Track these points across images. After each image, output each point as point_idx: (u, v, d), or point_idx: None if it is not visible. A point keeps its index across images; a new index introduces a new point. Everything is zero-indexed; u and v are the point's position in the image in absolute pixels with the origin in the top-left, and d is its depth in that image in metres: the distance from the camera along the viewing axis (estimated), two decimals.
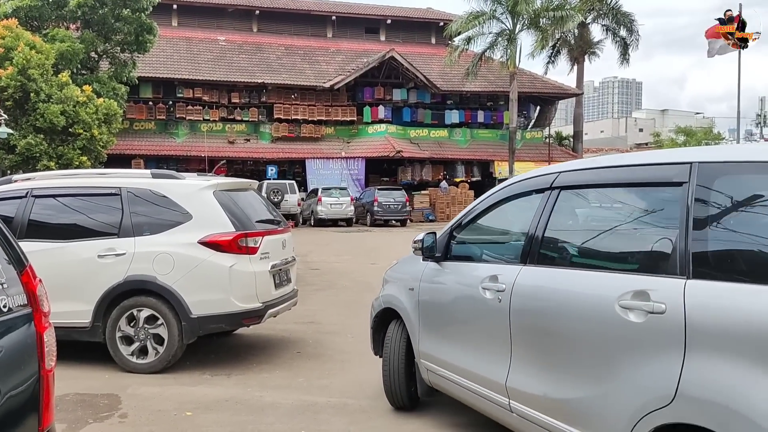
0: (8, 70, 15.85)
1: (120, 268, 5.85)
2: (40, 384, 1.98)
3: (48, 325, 2.05)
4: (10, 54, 16.90)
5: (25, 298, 1.96)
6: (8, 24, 18.79)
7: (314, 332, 7.52)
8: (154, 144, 31.37)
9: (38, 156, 15.25)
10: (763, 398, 2.17)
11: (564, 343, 3.13)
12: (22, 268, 1.99)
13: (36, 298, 2.00)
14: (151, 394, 5.16)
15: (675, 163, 2.86)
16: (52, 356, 2.05)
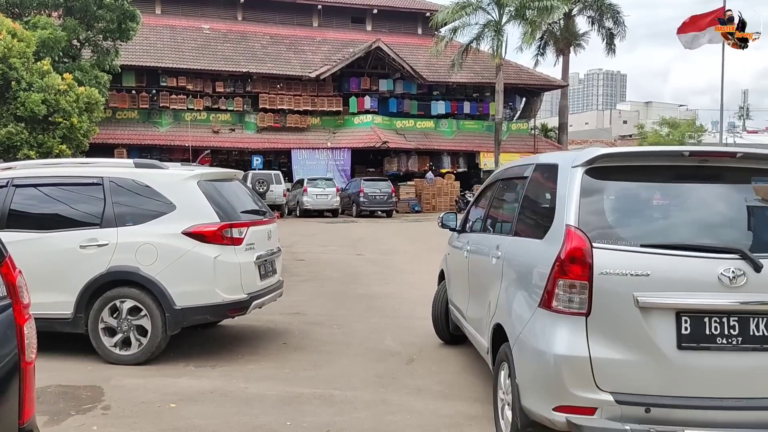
0: None
1: (102, 259, 5.77)
2: (20, 377, 1.94)
3: (28, 317, 2.00)
4: None
5: (4, 289, 1.91)
6: None
7: (300, 323, 7.49)
8: (137, 133, 31.04)
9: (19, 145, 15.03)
10: (518, 305, 3.78)
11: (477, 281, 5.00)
12: (1, 259, 1.94)
13: (15, 289, 1.96)
14: (134, 386, 5.11)
15: (527, 164, 4.48)
16: (32, 348, 2.01)
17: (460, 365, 5.83)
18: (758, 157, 3.53)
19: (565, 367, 3.23)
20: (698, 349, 3.18)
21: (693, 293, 3.19)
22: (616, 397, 3.17)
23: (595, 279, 3.22)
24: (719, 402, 3.15)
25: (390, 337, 6.85)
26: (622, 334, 3.22)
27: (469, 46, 31.57)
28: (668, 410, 3.14)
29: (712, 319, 3.19)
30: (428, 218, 27.20)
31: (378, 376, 5.45)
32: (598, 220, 3.43)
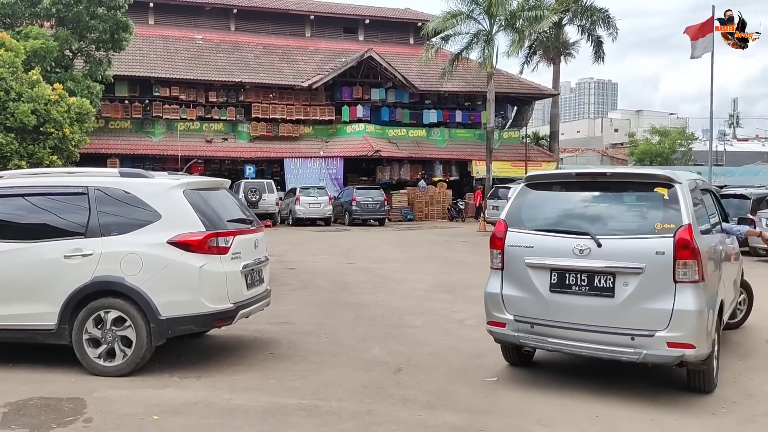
0: None
1: (87, 269, 5.73)
2: None
3: None
4: None
5: None
6: None
7: (288, 333, 7.45)
8: (130, 143, 30.97)
9: (9, 155, 14.96)
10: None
11: None
12: None
13: None
14: (117, 398, 5.06)
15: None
16: None
17: (449, 374, 5.80)
18: (623, 175, 5.74)
19: (489, 299, 5.61)
20: (561, 293, 5.22)
21: (559, 258, 5.23)
22: (515, 317, 5.41)
23: (506, 249, 5.51)
24: (571, 324, 5.14)
25: (378, 346, 6.82)
26: (519, 282, 5.43)
27: (459, 55, 31.66)
28: (543, 327, 5.27)
29: (570, 274, 5.18)
30: (420, 226, 27.21)
31: (364, 386, 5.42)
32: (515, 214, 5.67)
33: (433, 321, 8.15)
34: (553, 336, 5.21)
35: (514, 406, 4.99)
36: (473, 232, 23.68)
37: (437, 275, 12.38)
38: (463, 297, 9.90)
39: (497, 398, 5.19)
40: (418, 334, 7.43)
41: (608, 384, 5.46)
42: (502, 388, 5.44)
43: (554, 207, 5.66)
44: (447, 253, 16.50)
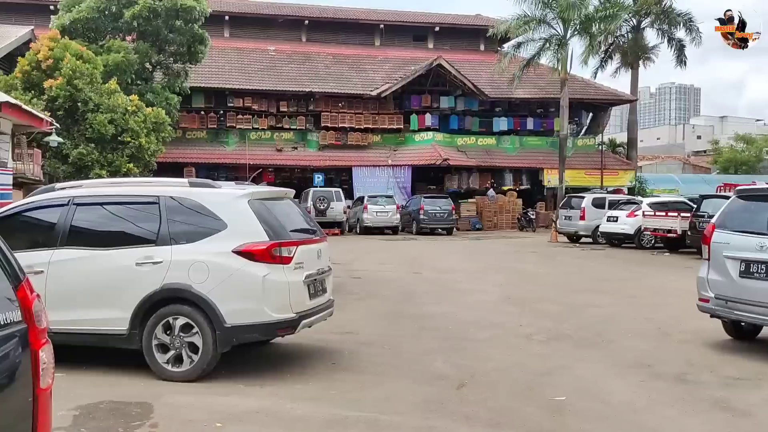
0: (57, 81, 16.40)
1: (157, 276, 5.87)
2: (34, 403, 1.92)
3: (45, 342, 1.99)
4: (59, 65, 17.47)
5: (19, 313, 1.90)
6: (53, 35, 19.39)
7: (351, 343, 7.42)
8: (206, 152, 31.98)
9: (90, 165, 15.74)
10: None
11: None
12: (18, 283, 1.94)
13: (32, 313, 1.94)
14: (183, 404, 5.14)
15: None
16: (48, 375, 1.98)
17: (514, 392, 5.61)
18: None
19: (699, 282, 7.29)
20: (747, 278, 6.73)
21: (746, 252, 6.76)
22: (716, 295, 7.02)
23: (711, 245, 7.15)
24: (755, 302, 6.61)
25: (441, 359, 6.69)
26: (719, 269, 7.02)
27: (531, 60, 31.11)
28: (733, 303, 6.82)
29: (754, 264, 6.68)
30: (489, 236, 26.81)
31: (426, 401, 5.31)
32: (721, 218, 7.36)
33: (499, 335, 7.94)
34: (740, 310, 6.78)
35: (581, 428, 4.77)
36: (544, 243, 23.15)
37: (505, 287, 12.12)
38: (531, 310, 9.63)
39: (565, 419, 4.97)
40: (482, 348, 7.25)
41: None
42: (570, 409, 5.21)
43: (750, 213, 7.15)
44: (516, 264, 16.16)
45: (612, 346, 7.44)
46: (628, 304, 10.30)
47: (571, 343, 7.51)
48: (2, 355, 1.81)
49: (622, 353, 7.07)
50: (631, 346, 7.39)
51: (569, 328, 8.36)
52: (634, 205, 21.40)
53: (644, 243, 20.64)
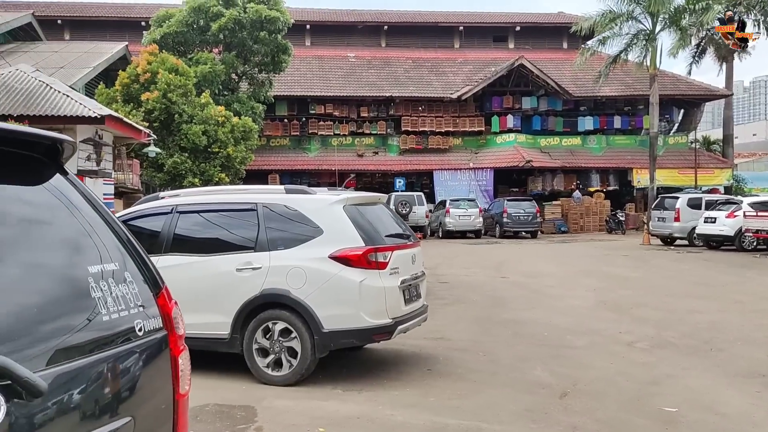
0: (153, 94, 17.22)
1: (256, 282, 5.99)
2: (174, 408, 1.96)
3: (183, 348, 2.03)
4: (156, 78, 18.33)
5: (160, 320, 1.95)
6: (152, 50, 20.37)
7: (444, 349, 7.34)
8: (289, 159, 32.74)
9: (184, 173, 16.43)
10: None
11: None
12: (158, 290, 1.99)
13: (171, 320, 1.99)
14: (285, 408, 5.21)
15: None
16: (186, 380, 2.03)
17: (621, 402, 5.37)
18: None
19: None
20: None
21: None
22: None
23: None
24: None
25: (539, 367, 6.50)
26: None
27: (618, 57, 30.03)
28: None
29: None
30: (576, 239, 26.06)
31: (528, 410, 5.15)
32: None
33: (598, 342, 7.65)
34: None
35: None
36: (635, 246, 22.26)
37: (599, 292, 11.70)
38: (629, 316, 9.24)
39: (680, 431, 4.71)
40: (582, 355, 7.00)
41: None
42: (683, 421, 4.93)
43: None
44: (607, 268, 15.60)
45: (722, 354, 7.01)
46: (734, 310, 9.71)
47: (676, 351, 7.13)
48: (148, 361, 1.86)
49: (733, 362, 6.65)
50: (742, 354, 6.95)
51: (673, 335, 7.95)
52: (734, 206, 20.23)
53: (745, 245, 19.49)
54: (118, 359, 1.74)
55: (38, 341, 1.52)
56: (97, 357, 1.67)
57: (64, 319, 1.62)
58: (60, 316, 1.62)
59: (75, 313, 1.65)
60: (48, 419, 1.51)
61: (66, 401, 1.56)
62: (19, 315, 1.53)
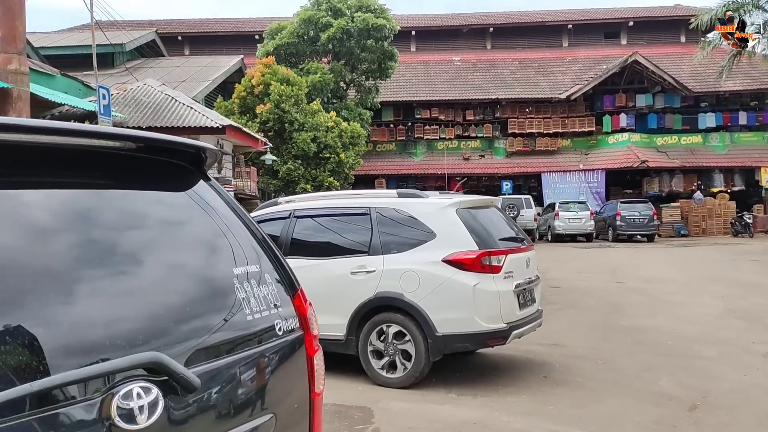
0: (267, 105, 18.01)
1: (370, 285, 6.08)
2: (311, 407, 2.03)
3: (317, 348, 2.09)
4: (269, 90, 19.14)
5: (297, 321, 2.02)
6: (267, 62, 21.28)
7: (560, 356, 7.13)
8: (395, 164, 33.06)
9: (297, 179, 17.04)
10: None
11: None
12: (294, 291, 2.06)
13: (307, 320, 2.06)
14: (401, 410, 5.26)
15: None
16: (321, 380, 2.09)
17: (759, 417, 4.99)
18: None
19: None
20: None
21: None
22: None
23: None
24: None
25: (665, 377, 6.16)
26: None
27: (743, 49, 27.98)
28: None
29: None
30: (698, 243, 24.54)
31: (655, 423, 4.90)
32: None
33: (729, 352, 7.15)
34: None
35: None
36: (766, 250, 20.65)
37: (727, 299, 10.94)
38: (763, 325, 8.58)
39: None
40: (711, 366, 6.57)
41: None
42: None
43: None
44: (735, 274, 14.56)
45: None
46: None
47: None
48: (286, 360, 1.93)
49: None
50: None
51: None
52: None
53: None
54: (260, 358, 1.83)
55: (189, 338, 1.62)
56: (242, 355, 1.76)
57: (213, 318, 1.72)
58: (211, 314, 1.72)
59: (222, 312, 1.75)
60: (200, 414, 1.60)
61: (215, 397, 1.65)
62: (178, 313, 1.63)
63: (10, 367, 1.27)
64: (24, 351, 1.30)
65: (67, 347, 1.37)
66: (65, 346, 1.37)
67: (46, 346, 1.33)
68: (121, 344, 1.46)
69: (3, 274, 1.34)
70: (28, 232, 1.47)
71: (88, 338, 1.42)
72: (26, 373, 1.29)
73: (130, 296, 1.55)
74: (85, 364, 1.37)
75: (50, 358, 1.33)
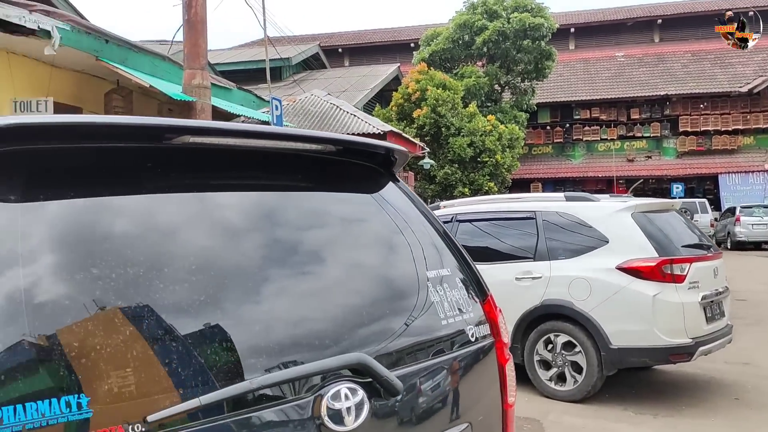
0: (423, 110, 18.16)
1: (536, 292, 5.84)
2: (503, 419, 1.92)
3: (509, 357, 1.99)
4: (425, 95, 19.32)
5: (488, 327, 1.93)
6: (421, 68, 21.51)
7: (752, 376, 6.39)
8: (551, 167, 32.02)
9: (454, 184, 17.02)
10: None
11: None
12: (485, 297, 1.98)
13: (498, 327, 1.96)
14: (572, 425, 4.98)
15: None
16: (512, 390, 1.98)
17: None
18: None
19: None
20: None
21: None
22: None
23: None
24: None
25: None
26: None
27: None
28: None
29: None
30: None
31: None
32: None
33: None
34: None
35: None
36: None
37: None
38: None
39: None
40: None
41: None
42: None
43: None
44: None
45: None
46: None
47: None
48: (479, 369, 1.85)
49: None
50: None
51: None
52: None
53: None
54: (454, 364, 1.76)
55: (383, 340, 1.59)
56: (437, 360, 1.70)
57: (407, 321, 1.67)
58: (405, 317, 1.68)
59: (418, 315, 1.70)
60: (400, 419, 1.56)
61: (414, 402, 1.60)
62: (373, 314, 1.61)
63: (218, 364, 1.30)
64: (224, 350, 1.32)
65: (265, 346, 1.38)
66: (260, 346, 1.37)
67: (240, 345, 1.34)
68: (323, 344, 1.45)
69: (204, 273, 1.37)
70: (269, 236, 1.55)
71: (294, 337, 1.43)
72: (227, 372, 1.30)
73: (325, 297, 1.55)
74: (277, 365, 1.36)
75: (245, 357, 1.33)
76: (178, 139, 1.46)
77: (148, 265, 1.30)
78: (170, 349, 1.25)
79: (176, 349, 1.25)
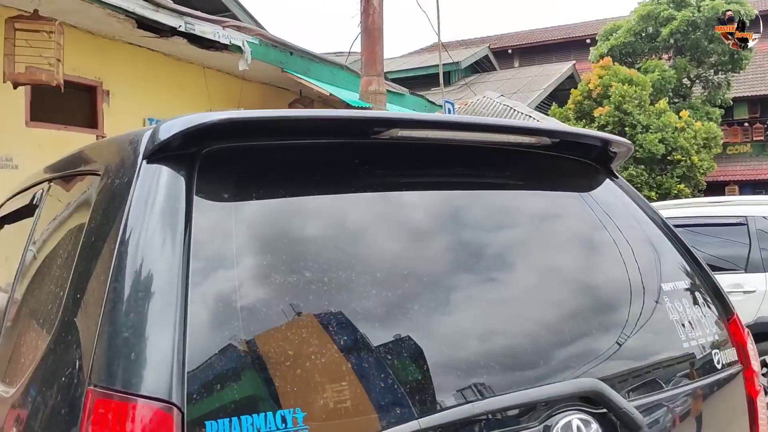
0: (605, 108, 17.14)
1: (749, 308, 5.15)
2: None
3: (760, 389, 1.66)
4: (608, 92, 18.24)
5: (735, 352, 1.62)
6: (604, 63, 20.34)
7: None
8: (750, 168, 28.81)
9: (639, 186, 15.87)
10: None
11: None
12: (729, 316, 1.67)
13: (747, 353, 1.65)
14: None
15: None
16: (765, 428, 1.65)
17: None
18: None
19: None
20: None
21: None
22: None
23: None
24: None
25: None
26: None
27: None
28: None
29: None
30: None
31: None
32: None
33: None
34: None
35: None
36: None
37: None
38: None
39: None
40: None
41: None
42: None
43: None
44: None
45: None
46: None
47: None
48: (726, 401, 1.56)
49: None
50: None
51: None
52: None
53: None
54: (698, 396, 1.48)
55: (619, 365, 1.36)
56: (678, 391, 1.44)
57: (644, 342, 1.43)
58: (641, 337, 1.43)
59: (654, 336, 1.46)
60: None
61: None
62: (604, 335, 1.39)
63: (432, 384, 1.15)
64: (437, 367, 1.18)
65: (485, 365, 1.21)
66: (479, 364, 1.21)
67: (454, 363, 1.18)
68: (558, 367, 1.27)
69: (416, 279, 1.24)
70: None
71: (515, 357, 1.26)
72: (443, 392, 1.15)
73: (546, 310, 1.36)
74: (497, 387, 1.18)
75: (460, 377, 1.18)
76: (387, 132, 1.35)
77: (359, 269, 1.19)
78: (384, 363, 1.13)
79: (391, 363, 1.13)
